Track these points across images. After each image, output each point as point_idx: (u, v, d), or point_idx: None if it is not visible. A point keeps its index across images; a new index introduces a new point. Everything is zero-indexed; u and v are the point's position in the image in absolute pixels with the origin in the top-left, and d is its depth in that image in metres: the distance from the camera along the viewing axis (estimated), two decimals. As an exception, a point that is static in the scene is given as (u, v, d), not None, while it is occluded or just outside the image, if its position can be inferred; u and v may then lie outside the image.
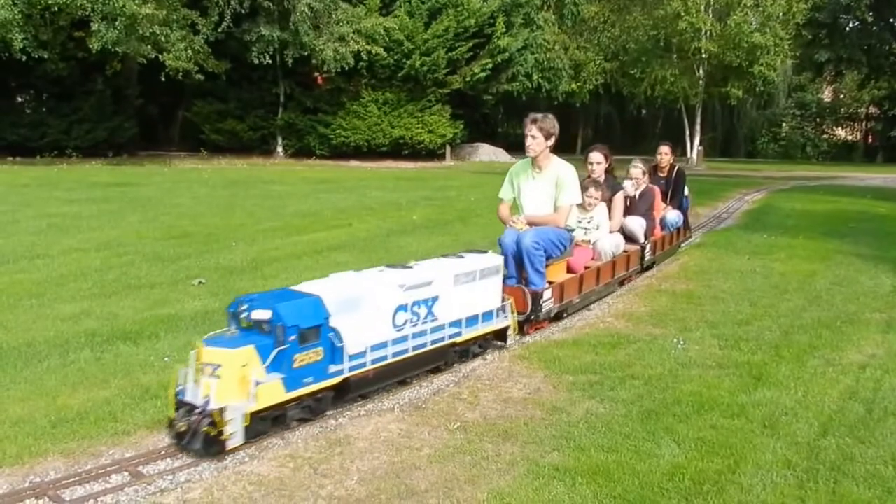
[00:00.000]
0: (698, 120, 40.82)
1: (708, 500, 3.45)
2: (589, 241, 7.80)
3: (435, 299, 5.08)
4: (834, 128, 61.58)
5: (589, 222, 7.84)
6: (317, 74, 34.18)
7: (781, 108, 59.87)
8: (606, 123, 59.90)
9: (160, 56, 26.15)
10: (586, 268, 7.37)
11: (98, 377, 4.94)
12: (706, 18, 37.07)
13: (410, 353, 4.89)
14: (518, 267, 6.34)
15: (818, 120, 60.06)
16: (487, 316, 5.63)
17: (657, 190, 9.70)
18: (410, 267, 5.11)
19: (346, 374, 4.44)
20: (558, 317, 6.77)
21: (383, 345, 4.67)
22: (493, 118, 52.13)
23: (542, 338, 6.32)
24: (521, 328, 6.17)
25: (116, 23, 23.89)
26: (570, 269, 7.10)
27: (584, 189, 7.34)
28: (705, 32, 37.27)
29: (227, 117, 34.75)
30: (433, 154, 36.15)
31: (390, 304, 4.74)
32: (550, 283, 6.49)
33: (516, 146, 47.30)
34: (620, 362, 5.53)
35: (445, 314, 5.19)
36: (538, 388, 4.99)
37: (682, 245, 11.08)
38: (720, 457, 3.89)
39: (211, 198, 16.25)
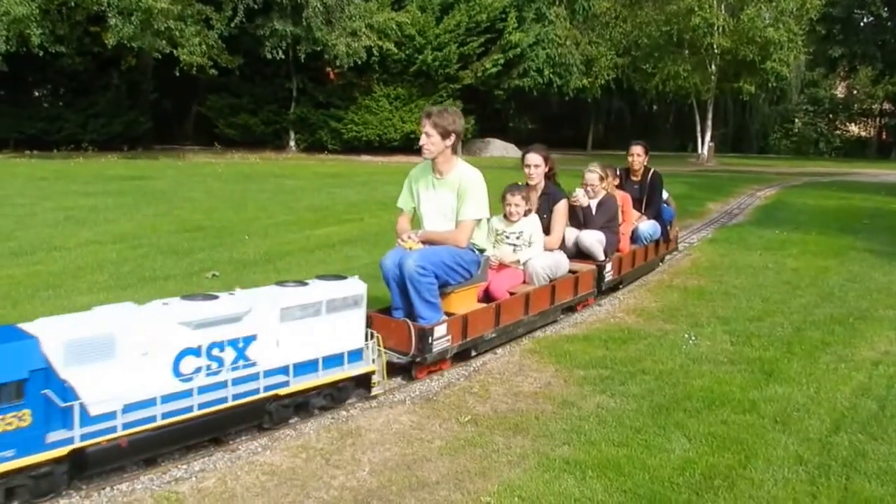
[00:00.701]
0: (710, 115, 40.58)
1: (718, 495, 3.46)
2: (518, 261, 6.43)
3: (250, 339, 3.97)
4: (847, 124, 61.17)
5: (518, 238, 6.44)
6: (329, 69, 34.24)
7: (794, 104, 59.47)
8: (618, 119, 59.69)
9: (175, 51, 26.28)
10: (511, 293, 6.07)
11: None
12: (719, 14, 36.85)
13: (198, 412, 3.74)
14: (404, 296, 5.19)
15: (831, 116, 59.66)
16: (335, 360, 4.42)
17: (625, 197, 8.35)
18: (216, 297, 4.02)
19: (79, 444, 3.33)
20: (464, 356, 5.45)
21: (150, 402, 3.57)
22: (504, 113, 52.07)
23: (553, 332, 6.33)
24: (410, 372, 5.04)
25: (132, 18, 24.04)
26: (492, 297, 5.95)
27: (503, 197, 6.39)
28: (718, 28, 37.04)
29: (240, 112, 34.86)
30: (445, 149, 36.07)
31: (171, 348, 3.67)
32: (450, 314, 5.30)
33: (528, 141, 47.32)
34: (631, 357, 5.55)
35: (266, 359, 4.05)
36: (549, 383, 5.01)
37: (665, 260, 9.58)
38: (731, 452, 3.90)
39: (224, 192, 16.32)
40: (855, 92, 61.13)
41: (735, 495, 3.46)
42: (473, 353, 5.50)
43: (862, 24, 51.79)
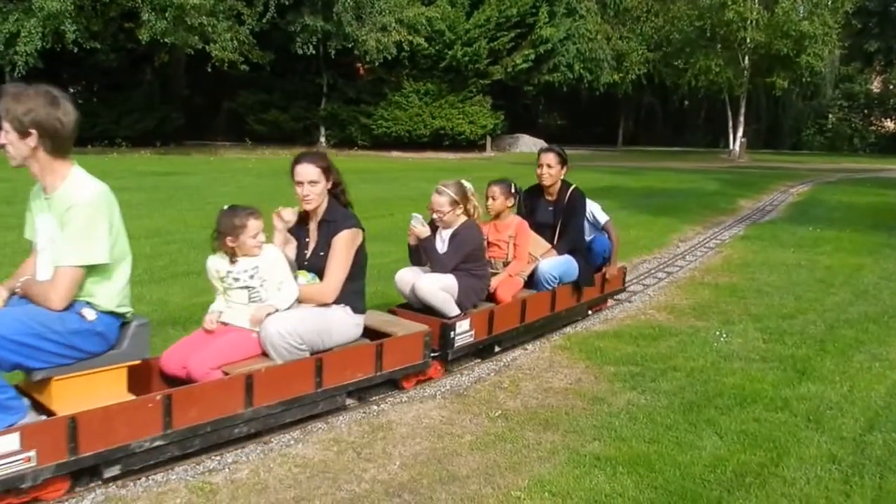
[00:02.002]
0: (742, 111, 40.16)
1: (750, 493, 3.44)
2: (259, 317, 4.10)
3: None
4: (882, 119, 60.09)
5: (251, 277, 4.15)
6: (359, 65, 34.40)
7: (828, 99, 58.57)
8: (648, 114, 59.26)
9: (207, 47, 26.57)
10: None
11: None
12: (753, 7, 36.42)
13: None
14: None
15: (866, 111, 58.61)
16: None
17: (521, 226, 5.86)
18: None
19: None
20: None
21: None
22: (533, 109, 51.95)
23: (583, 329, 6.33)
24: None
25: (165, 13, 24.34)
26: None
27: (218, 222, 4.15)
28: (752, 21, 36.62)
29: (270, 108, 35.13)
30: (474, 145, 36.14)
31: None
32: (50, 414, 3.41)
33: (558, 137, 47.24)
34: (662, 354, 5.53)
35: None
36: (579, 379, 5.01)
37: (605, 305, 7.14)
38: (763, 450, 3.88)
39: (255, 187, 16.45)
40: (891, 87, 59.99)
41: (767, 493, 3.44)
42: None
43: (899, 17, 50.96)
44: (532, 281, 5.94)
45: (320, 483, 3.52)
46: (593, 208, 6.74)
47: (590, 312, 6.68)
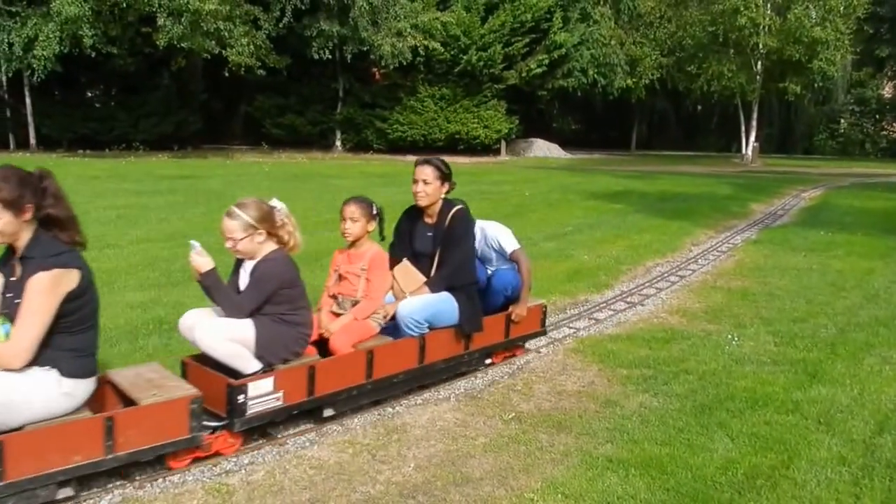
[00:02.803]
0: (755, 116, 40.06)
1: (761, 495, 3.47)
2: None
3: None
4: (893, 124, 59.69)
5: None
6: (375, 70, 34.54)
7: (840, 105, 58.42)
8: (661, 119, 59.24)
9: (223, 51, 26.77)
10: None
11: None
12: (765, 13, 36.34)
13: None
14: None
15: (878, 116, 58.30)
16: None
17: (376, 257, 4.68)
18: None
19: None
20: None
21: None
22: (547, 113, 51.93)
23: (596, 332, 6.35)
24: None
25: (182, 18, 24.52)
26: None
27: None
28: (764, 27, 36.53)
29: (286, 112, 35.33)
30: (488, 149, 36.19)
31: None
32: None
33: (571, 142, 47.20)
34: (674, 357, 5.55)
35: None
36: (592, 382, 5.05)
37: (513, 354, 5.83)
38: (774, 452, 3.90)
39: (272, 190, 16.43)
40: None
41: (778, 495, 3.47)
42: None
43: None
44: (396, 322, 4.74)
45: (335, 484, 3.56)
46: (499, 233, 5.58)
47: (489, 361, 5.40)
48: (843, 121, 58.86)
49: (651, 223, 12.97)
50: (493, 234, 5.55)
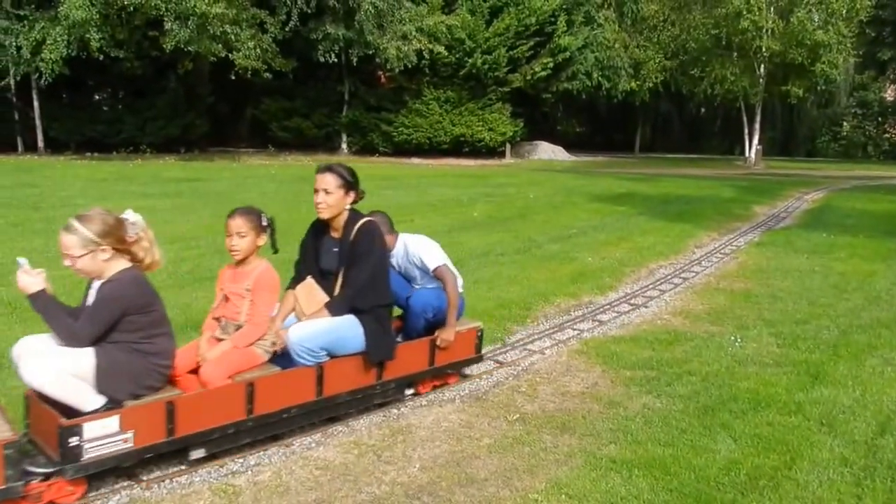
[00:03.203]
0: (758, 119, 39.95)
1: (764, 496, 3.49)
2: None
3: None
4: (896, 127, 59.74)
5: None
6: (380, 73, 34.61)
7: (842, 107, 58.30)
8: (665, 122, 59.23)
9: (230, 55, 26.83)
10: None
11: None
12: (768, 16, 36.31)
13: None
14: None
15: (880, 119, 58.15)
16: None
17: (262, 277, 4.23)
18: None
19: None
20: None
21: None
22: (552, 116, 51.93)
23: (600, 333, 6.39)
24: None
25: (189, 22, 24.60)
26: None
27: None
28: (767, 31, 36.50)
29: (293, 115, 35.39)
30: (493, 152, 36.21)
31: None
32: None
33: (575, 145, 47.16)
34: (677, 359, 5.58)
35: None
36: (596, 383, 5.08)
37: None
38: (776, 453, 3.93)
39: (278, 193, 16.60)
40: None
41: (780, 496, 3.49)
42: None
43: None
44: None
45: (341, 485, 3.59)
46: (421, 248, 5.07)
47: (410, 392, 4.80)
48: (845, 124, 58.77)
49: (654, 225, 12.99)
50: (414, 249, 5.05)
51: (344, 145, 35.81)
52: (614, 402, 4.68)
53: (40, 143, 28.83)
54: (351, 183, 4.41)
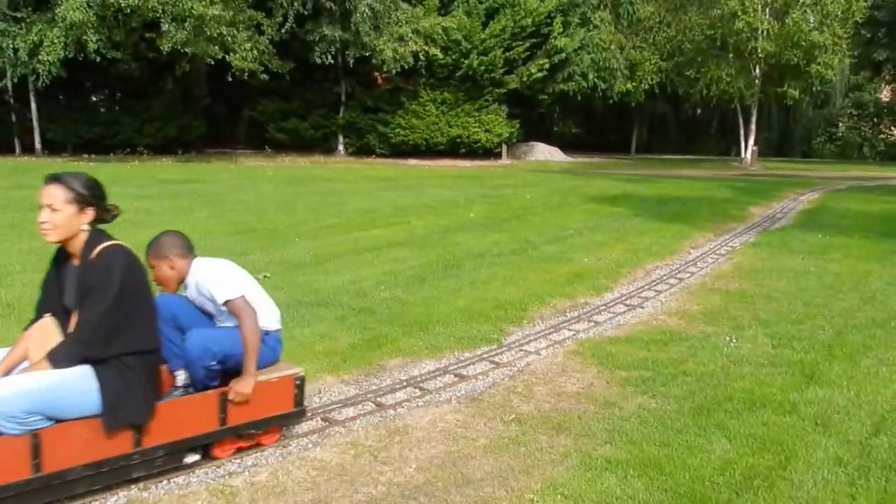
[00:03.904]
0: (754, 120, 40.07)
1: (758, 495, 3.50)
2: None
3: None
4: (892, 128, 59.58)
5: None
6: (377, 74, 34.64)
7: (838, 108, 58.41)
8: (661, 123, 59.27)
9: (227, 56, 26.86)
10: None
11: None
12: (763, 18, 36.40)
13: None
14: None
15: (875, 120, 58.27)
16: None
17: None
18: None
19: None
20: None
21: None
22: (548, 117, 52.01)
23: (596, 334, 6.40)
24: None
25: (185, 24, 24.62)
26: None
27: None
28: (762, 32, 36.59)
29: (290, 116, 35.42)
30: (490, 153, 36.27)
31: None
32: None
33: (572, 146, 47.18)
34: (673, 359, 5.59)
35: None
36: (591, 383, 5.09)
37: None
38: (771, 453, 3.94)
39: (275, 194, 16.61)
40: (900, 96, 59.78)
41: (775, 496, 3.50)
42: None
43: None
44: None
45: (338, 486, 3.60)
46: (210, 278, 3.98)
47: (193, 459, 3.77)
48: (841, 124, 58.87)
49: (650, 226, 13.01)
50: (204, 279, 3.97)
51: (341, 146, 35.85)
52: (610, 403, 4.69)
53: (38, 145, 28.76)
54: (85, 197, 3.37)
